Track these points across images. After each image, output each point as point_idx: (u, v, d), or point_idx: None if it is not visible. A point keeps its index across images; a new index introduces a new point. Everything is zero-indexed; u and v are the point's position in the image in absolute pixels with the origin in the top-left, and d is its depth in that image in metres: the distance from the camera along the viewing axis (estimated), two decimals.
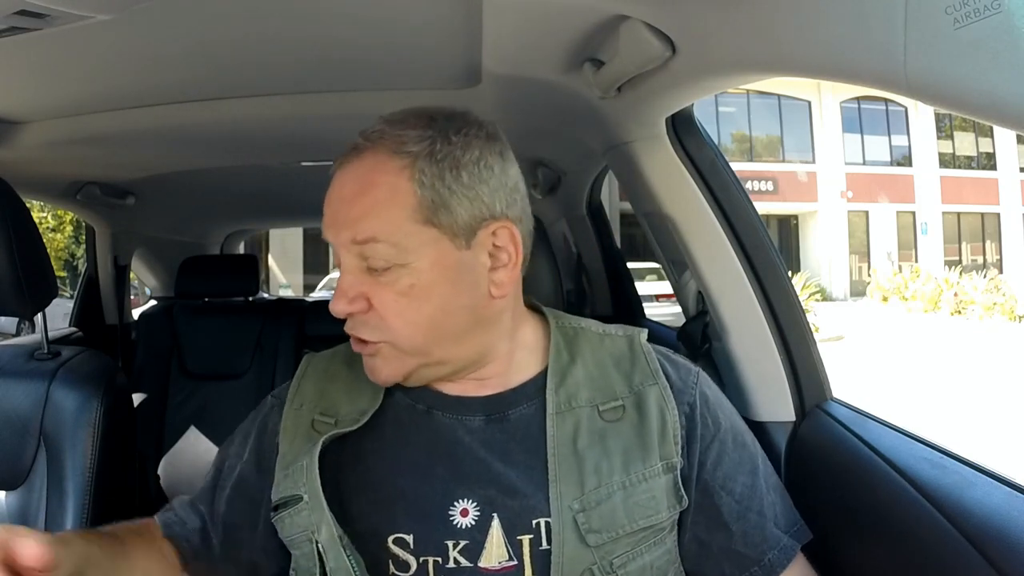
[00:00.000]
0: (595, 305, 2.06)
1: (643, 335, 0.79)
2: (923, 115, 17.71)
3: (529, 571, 0.67)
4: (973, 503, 0.65)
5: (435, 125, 0.66)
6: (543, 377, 0.73)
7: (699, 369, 0.79)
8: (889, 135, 18.20)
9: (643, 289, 2.96)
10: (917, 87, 0.44)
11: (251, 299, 2.39)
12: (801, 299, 1.05)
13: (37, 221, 1.56)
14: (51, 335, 1.13)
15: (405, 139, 0.65)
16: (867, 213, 18.02)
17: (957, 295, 13.50)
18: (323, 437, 0.69)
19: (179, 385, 2.20)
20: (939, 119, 17.99)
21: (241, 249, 3.88)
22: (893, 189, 17.95)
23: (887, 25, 0.44)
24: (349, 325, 0.69)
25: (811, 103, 17.63)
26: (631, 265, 2.08)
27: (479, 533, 0.67)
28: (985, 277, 13.64)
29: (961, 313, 13.18)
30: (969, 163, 18.69)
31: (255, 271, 2.36)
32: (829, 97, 17.38)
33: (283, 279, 14.39)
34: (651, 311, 2.17)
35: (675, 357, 0.79)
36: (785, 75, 0.64)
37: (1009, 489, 0.65)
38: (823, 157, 17.68)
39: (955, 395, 6.16)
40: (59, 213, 10.48)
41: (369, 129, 0.68)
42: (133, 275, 2.74)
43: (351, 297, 0.66)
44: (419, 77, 1.16)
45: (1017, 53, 0.37)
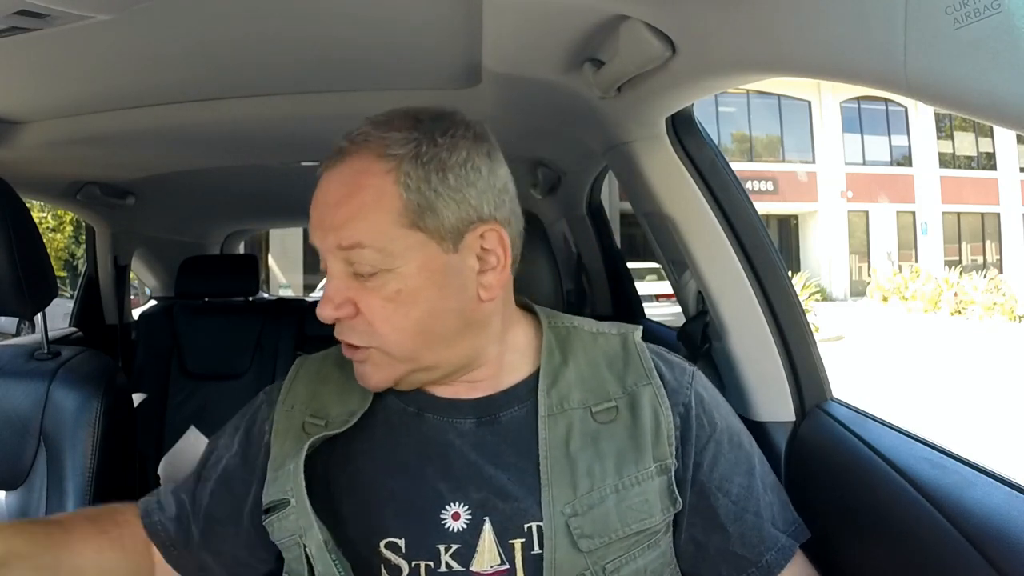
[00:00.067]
0: (595, 305, 2.06)
1: (637, 333, 0.78)
2: (923, 115, 17.71)
3: (521, 575, 0.66)
4: (973, 503, 0.65)
5: (421, 127, 0.65)
6: (535, 379, 0.72)
7: (694, 368, 0.78)
8: (889, 135, 18.20)
9: (643, 289, 2.96)
10: (917, 87, 0.44)
11: (251, 299, 2.39)
12: (801, 299, 1.05)
13: (37, 221, 1.56)
14: (51, 335, 1.13)
15: (390, 141, 0.64)
16: (867, 213, 18.02)
17: (957, 295, 13.50)
18: (308, 440, 0.68)
19: (179, 385, 2.20)
20: (939, 119, 17.99)
21: (241, 249, 3.88)
22: (893, 189, 17.95)
23: (887, 25, 0.44)
24: (338, 330, 0.68)
25: (811, 103, 17.63)
26: (631, 265, 2.08)
27: (471, 537, 0.67)
28: (985, 277, 13.64)
29: (961, 313, 13.18)
30: (969, 163, 18.69)
31: (255, 271, 2.36)
32: (829, 97, 17.38)
33: (283, 279, 14.38)
34: (651, 311, 2.17)
35: (670, 356, 0.78)
36: (785, 75, 0.64)
37: (1009, 489, 0.65)
38: (823, 157, 17.68)
39: (955, 395, 6.16)
40: (59, 213, 10.48)
41: (354, 131, 0.66)
42: (133, 275, 2.74)
43: (338, 303, 0.65)
44: (419, 77, 1.16)
45: (1017, 53, 0.37)
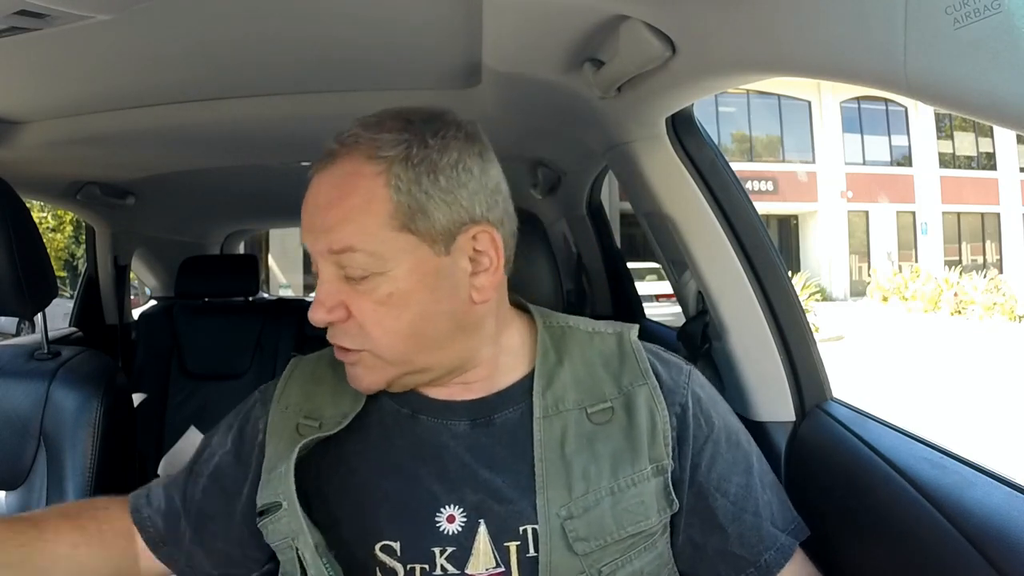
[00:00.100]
0: (595, 305, 2.06)
1: (633, 332, 0.77)
2: (923, 115, 17.71)
3: None
4: (973, 503, 0.65)
5: (411, 128, 0.64)
6: (530, 380, 0.72)
7: (691, 367, 0.78)
8: (889, 135, 18.20)
9: (643, 289, 2.96)
10: (917, 87, 0.44)
11: (251, 299, 2.39)
12: (801, 299, 1.05)
13: (37, 221, 1.56)
14: (51, 335, 1.13)
15: (380, 143, 0.63)
16: (867, 213, 18.02)
17: (957, 295, 13.50)
18: (300, 443, 0.68)
19: (179, 385, 2.20)
20: (939, 119, 17.99)
21: (241, 249, 3.88)
22: (893, 189, 17.95)
23: (887, 25, 0.44)
24: (330, 334, 0.68)
25: (811, 103, 17.63)
26: (631, 265, 2.08)
27: (466, 540, 0.67)
28: (985, 277, 13.64)
29: (961, 313, 13.18)
30: (969, 163, 18.69)
31: (255, 271, 2.36)
32: (829, 97, 17.38)
33: (283, 279, 14.38)
34: (651, 311, 2.17)
35: (666, 355, 0.78)
36: (785, 75, 0.64)
37: (1009, 489, 0.65)
38: (823, 157, 17.68)
39: (955, 395, 6.16)
40: (59, 213, 10.48)
41: (344, 133, 0.66)
42: (133, 275, 2.74)
43: (329, 306, 0.65)
44: (419, 77, 1.16)
45: (1017, 53, 0.37)
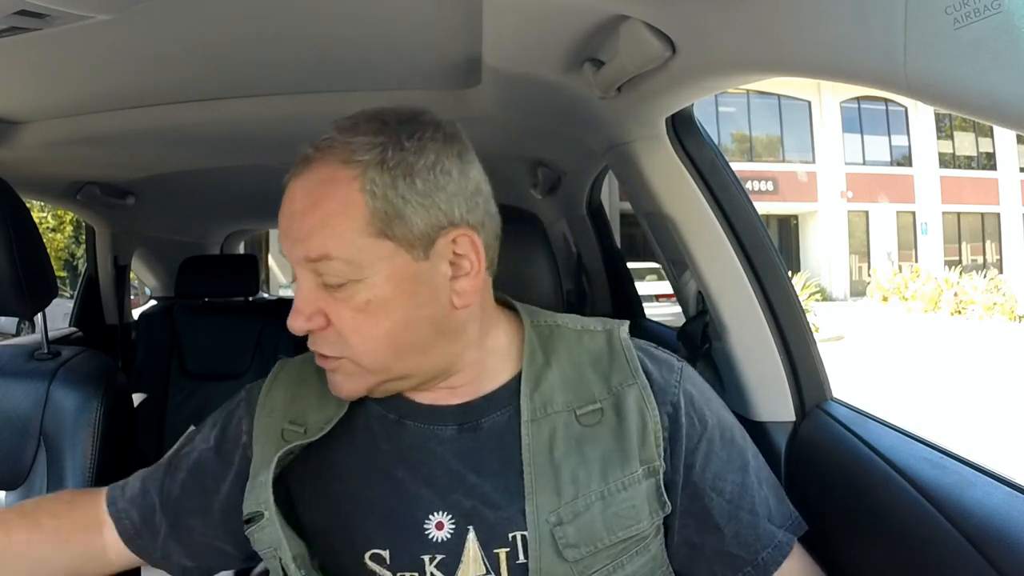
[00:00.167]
0: (595, 305, 2.06)
1: (623, 329, 0.75)
2: (923, 115, 17.71)
3: None
4: (973, 503, 0.65)
5: (387, 130, 0.63)
6: (517, 382, 0.70)
7: (683, 364, 0.76)
8: (889, 135, 18.20)
9: (643, 289, 2.95)
10: (917, 87, 0.44)
11: (251, 299, 2.39)
12: (801, 299, 1.05)
13: (37, 221, 1.56)
14: (51, 335, 1.13)
15: (355, 147, 0.62)
16: (867, 213, 18.02)
17: (957, 295, 13.50)
18: (279, 453, 0.67)
19: (179, 385, 2.21)
20: (939, 119, 17.99)
21: (241, 249, 3.89)
22: (893, 189, 17.95)
23: (887, 25, 0.44)
24: (310, 341, 0.67)
25: (811, 103, 17.62)
26: (631, 265, 2.08)
27: (455, 547, 0.66)
28: (985, 277, 13.65)
29: (961, 313, 13.18)
30: (969, 163, 18.69)
31: (255, 271, 2.36)
32: (829, 97, 17.38)
33: (283, 279, 14.37)
34: (651, 311, 2.17)
35: (657, 352, 0.76)
36: (785, 75, 0.64)
37: (1009, 489, 0.65)
38: (823, 157, 17.67)
39: (955, 395, 6.16)
40: (59, 213, 10.48)
41: (319, 138, 0.64)
42: (133, 275, 2.74)
43: (308, 314, 0.64)
44: (419, 77, 1.16)
45: (1017, 53, 0.37)
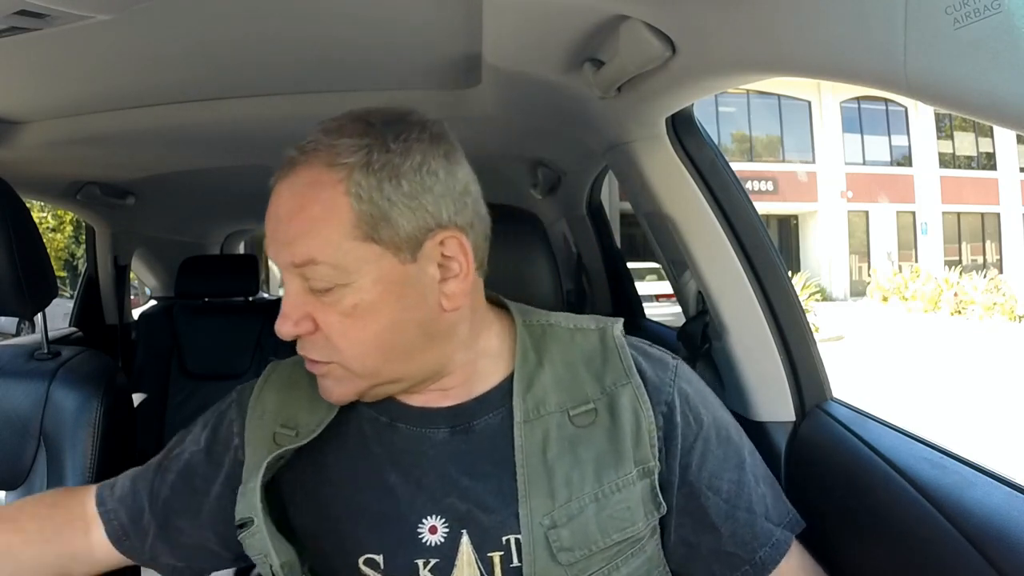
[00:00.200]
0: (595, 305, 2.06)
1: (617, 326, 0.74)
2: (923, 115, 17.71)
3: None
4: (973, 503, 0.65)
5: (372, 132, 0.62)
6: (509, 383, 0.70)
7: (678, 362, 0.75)
8: (889, 135, 18.20)
9: (643, 289, 2.96)
10: (917, 87, 0.44)
11: (251, 299, 2.39)
12: (801, 299, 1.05)
13: (37, 221, 1.56)
14: (51, 335, 1.13)
15: (340, 149, 0.61)
16: (867, 213, 18.02)
17: (957, 295, 13.50)
18: (268, 458, 0.67)
19: (179, 385, 2.21)
20: (939, 119, 17.99)
21: (241, 249, 3.89)
22: (893, 189, 17.95)
23: (887, 25, 0.44)
24: (299, 346, 0.66)
25: (811, 103, 17.62)
26: (631, 265, 2.08)
27: (449, 550, 0.66)
28: (985, 277, 13.65)
29: (961, 313, 13.18)
30: (969, 163, 18.69)
31: (255, 271, 2.36)
32: (829, 97, 17.38)
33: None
34: (651, 311, 2.17)
35: (651, 350, 0.76)
36: (785, 75, 0.64)
37: (1009, 489, 0.65)
38: (823, 157, 17.67)
39: (955, 395, 6.16)
40: (59, 213, 10.48)
41: (305, 140, 0.64)
42: (133, 275, 2.74)
43: (296, 319, 0.63)
44: (419, 77, 1.16)
45: (1017, 53, 0.37)
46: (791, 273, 4.47)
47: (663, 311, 5.58)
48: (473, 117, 1.30)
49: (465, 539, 0.66)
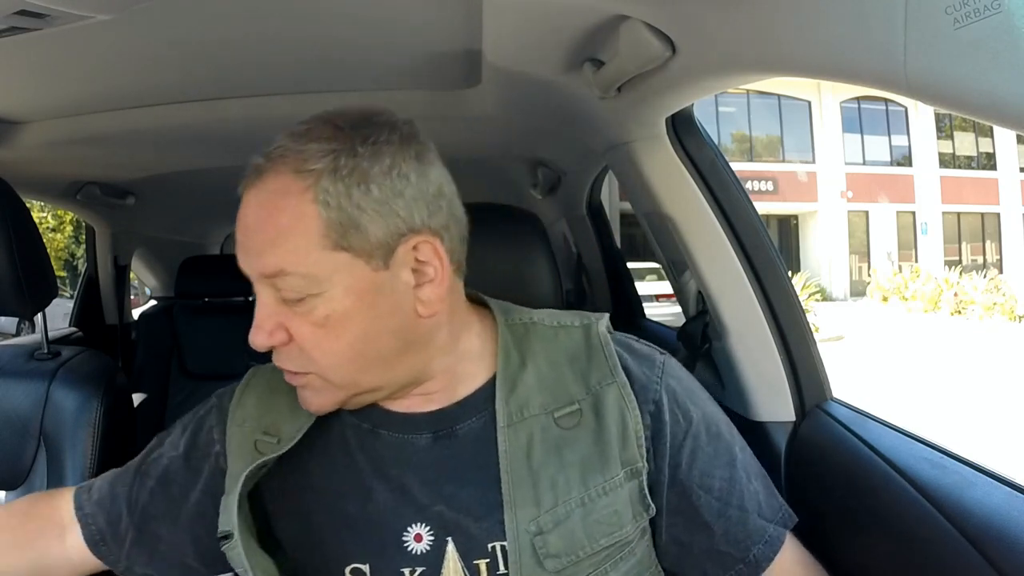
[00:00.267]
0: (595, 305, 2.06)
1: (602, 322, 0.73)
2: (923, 115, 17.71)
3: None
4: (973, 503, 0.65)
5: (340, 136, 0.60)
6: (492, 385, 0.68)
7: (665, 357, 0.74)
8: (889, 135, 18.20)
9: (643, 289, 2.95)
10: (917, 87, 0.44)
11: (251, 299, 2.39)
12: (801, 299, 1.05)
13: (37, 221, 1.56)
14: (51, 335, 1.13)
15: (307, 155, 0.59)
16: (867, 213, 18.02)
17: (957, 295, 13.50)
18: (247, 469, 0.66)
19: (179, 385, 2.20)
20: (939, 119, 17.99)
21: None
22: (893, 189, 17.95)
23: (887, 25, 0.44)
24: (275, 357, 0.65)
25: (811, 103, 17.63)
26: (631, 265, 2.08)
27: (435, 558, 0.65)
28: (985, 277, 13.65)
29: (961, 313, 13.18)
30: (969, 163, 18.70)
31: None
32: (829, 97, 17.38)
33: None
34: (651, 311, 2.17)
35: (637, 345, 0.74)
36: (785, 75, 0.64)
37: (1009, 489, 0.65)
38: (823, 157, 17.68)
39: (955, 395, 6.16)
40: (59, 213, 10.49)
41: (271, 146, 0.62)
42: (133, 275, 2.74)
43: (269, 330, 0.62)
44: (419, 77, 1.16)
45: (1017, 53, 0.37)
46: (791, 273, 4.48)
47: (663, 311, 5.58)
48: (473, 117, 1.30)
49: (451, 547, 0.65)
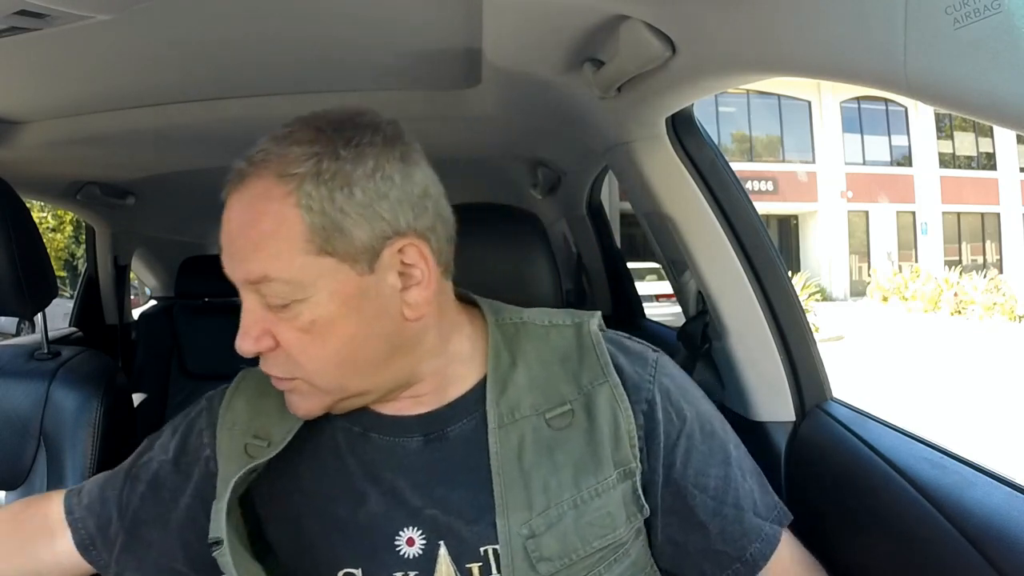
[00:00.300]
0: (595, 305, 2.05)
1: (594, 321, 0.72)
2: (923, 115, 17.71)
3: None
4: (973, 503, 0.65)
5: (322, 138, 0.59)
6: (483, 386, 0.68)
7: (658, 355, 0.73)
8: (889, 135, 18.20)
9: (643, 289, 2.95)
10: (917, 87, 0.44)
11: None
12: (801, 299, 1.05)
13: (37, 221, 1.56)
14: (51, 335, 1.13)
15: (289, 159, 0.59)
16: (867, 213, 18.02)
17: (957, 295, 13.50)
18: (237, 475, 0.65)
19: (179, 385, 2.21)
20: (939, 119, 17.99)
21: None
22: (893, 189, 17.95)
23: (887, 25, 0.44)
24: (262, 362, 0.64)
25: (811, 103, 17.63)
26: (631, 265, 2.08)
27: (427, 563, 0.64)
28: (985, 277, 13.65)
29: (961, 313, 13.18)
30: (969, 163, 18.70)
31: None
32: (829, 97, 17.38)
33: None
34: (651, 311, 2.17)
35: (630, 344, 0.73)
36: (785, 75, 0.64)
37: (1009, 489, 0.65)
38: (823, 157, 17.68)
39: (955, 395, 6.16)
40: (59, 213, 10.49)
41: (254, 150, 0.61)
42: (133, 275, 2.74)
43: (255, 336, 0.61)
44: (419, 77, 1.16)
45: (1017, 53, 0.37)
46: (791, 273, 4.47)
47: (663, 311, 5.58)
48: (473, 117, 1.30)
49: (443, 551, 0.64)
